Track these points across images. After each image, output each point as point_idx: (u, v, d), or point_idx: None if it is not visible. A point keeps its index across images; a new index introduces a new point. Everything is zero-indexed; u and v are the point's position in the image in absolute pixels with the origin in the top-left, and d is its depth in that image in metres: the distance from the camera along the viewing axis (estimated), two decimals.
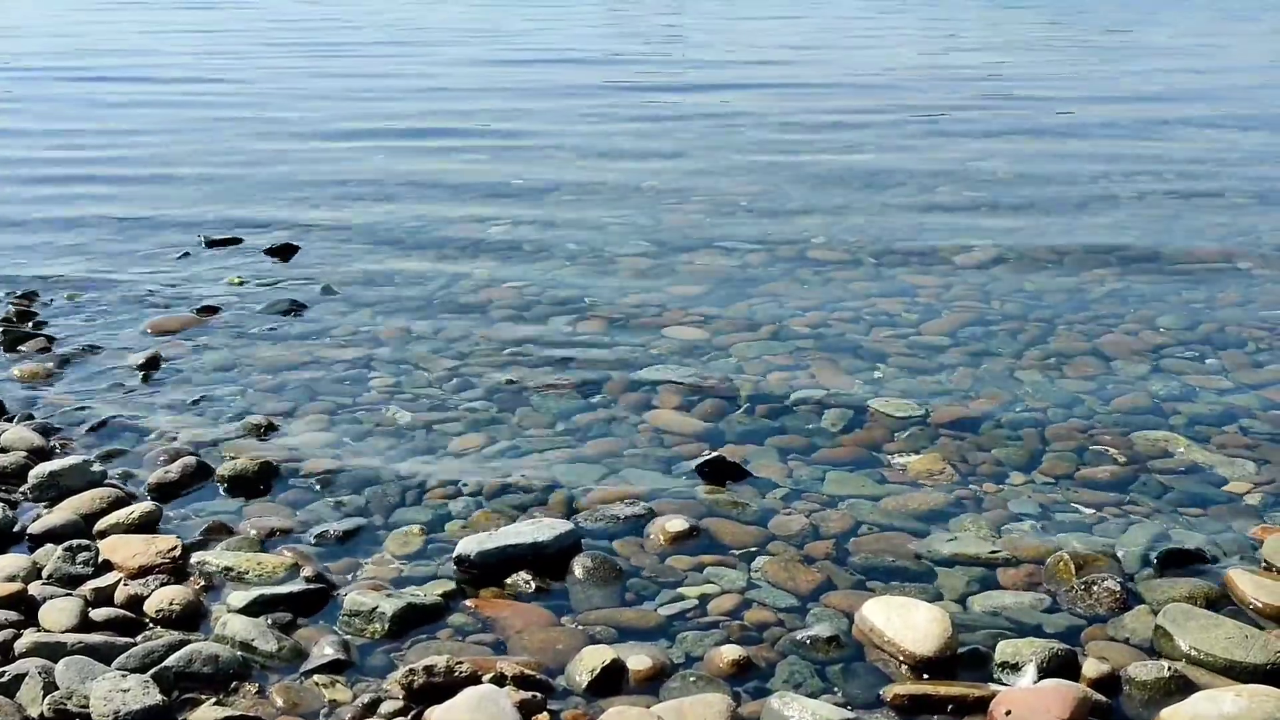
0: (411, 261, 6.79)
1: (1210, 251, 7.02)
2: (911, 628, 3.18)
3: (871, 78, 14.61)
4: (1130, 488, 4.11)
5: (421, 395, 4.88)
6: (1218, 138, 10.82)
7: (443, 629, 3.30)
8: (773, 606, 3.40)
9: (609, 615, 3.36)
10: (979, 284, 6.34)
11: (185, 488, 4.08)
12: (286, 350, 5.40)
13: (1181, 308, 5.96)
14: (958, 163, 9.47)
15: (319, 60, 16.47)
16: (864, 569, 3.60)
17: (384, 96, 13.11)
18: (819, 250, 6.99)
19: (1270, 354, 5.35)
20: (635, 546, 3.72)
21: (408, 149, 10.21)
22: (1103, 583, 3.44)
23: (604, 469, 4.26)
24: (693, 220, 7.71)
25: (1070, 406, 4.76)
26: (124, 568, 3.54)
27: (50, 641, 3.14)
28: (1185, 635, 3.17)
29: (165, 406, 4.77)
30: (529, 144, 10.40)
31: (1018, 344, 5.45)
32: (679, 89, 13.40)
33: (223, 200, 8.29)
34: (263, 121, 11.47)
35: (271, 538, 3.78)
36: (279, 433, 4.53)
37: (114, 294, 6.20)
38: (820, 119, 11.41)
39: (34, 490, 4.01)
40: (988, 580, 3.54)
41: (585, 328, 5.69)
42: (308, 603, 3.39)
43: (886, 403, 4.76)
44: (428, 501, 4.03)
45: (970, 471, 4.23)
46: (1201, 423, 4.60)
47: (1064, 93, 13.20)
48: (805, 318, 5.80)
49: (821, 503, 4.00)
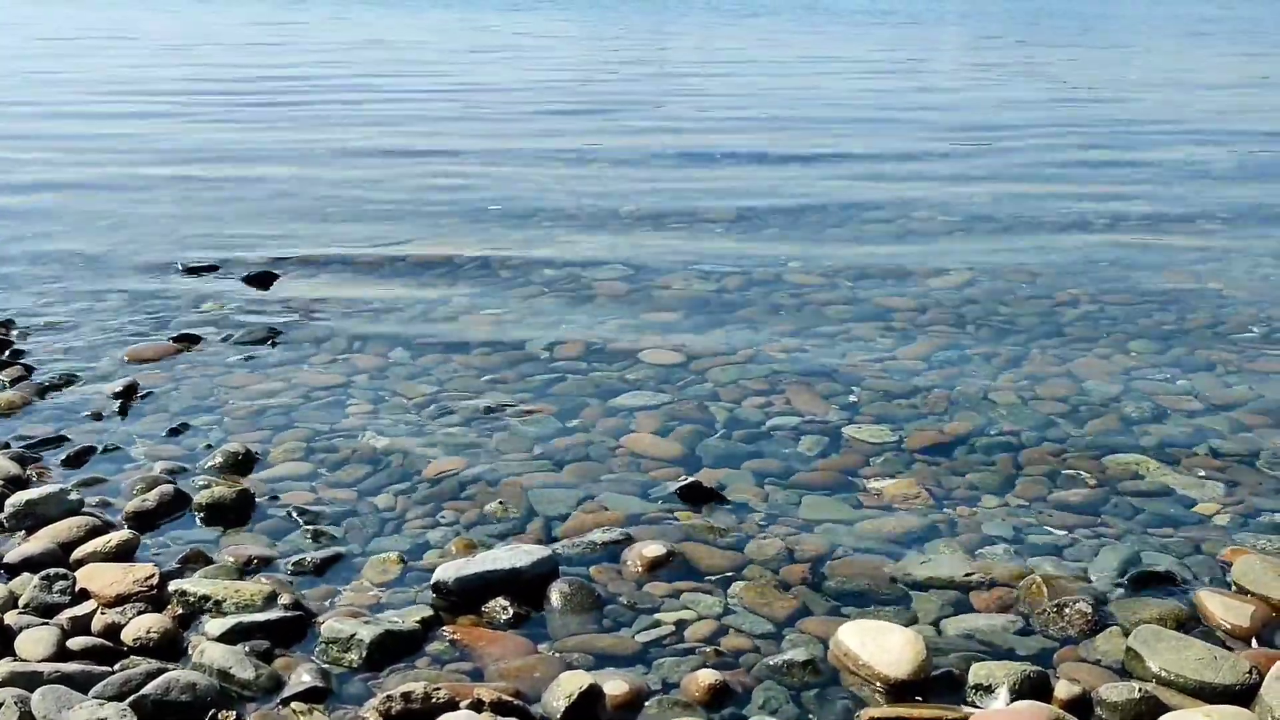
0: (389, 288, 6.81)
1: (1181, 274, 7.10)
2: (886, 651, 3.20)
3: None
4: (1102, 509, 4.15)
5: (399, 422, 4.89)
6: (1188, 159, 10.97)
7: (421, 656, 3.31)
8: (749, 632, 3.42)
9: (586, 641, 3.38)
10: (953, 307, 6.40)
11: (163, 516, 4.08)
12: (264, 378, 5.40)
13: (1152, 330, 6.03)
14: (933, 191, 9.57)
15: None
16: (839, 594, 3.63)
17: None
18: (796, 275, 7.05)
19: (1239, 376, 5.41)
20: (612, 572, 3.74)
21: (388, 173, 10.26)
22: (1074, 605, 3.48)
23: (581, 494, 4.27)
24: (670, 245, 7.75)
25: (1043, 429, 4.80)
26: (101, 596, 3.54)
27: (27, 671, 3.13)
28: (1156, 657, 3.20)
29: (143, 435, 4.76)
30: (506, 170, 10.47)
31: (992, 367, 5.50)
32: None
33: (201, 225, 8.31)
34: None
35: (249, 566, 3.78)
36: (257, 461, 4.53)
37: (91, 322, 6.20)
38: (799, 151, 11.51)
39: (11, 519, 4.00)
40: (961, 603, 3.57)
41: (562, 352, 5.71)
42: (285, 631, 3.39)
43: (861, 429, 4.79)
44: (405, 529, 4.04)
45: (945, 495, 4.27)
46: (1172, 444, 4.65)
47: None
48: (781, 343, 5.84)
49: (797, 527, 4.03)
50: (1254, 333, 6.01)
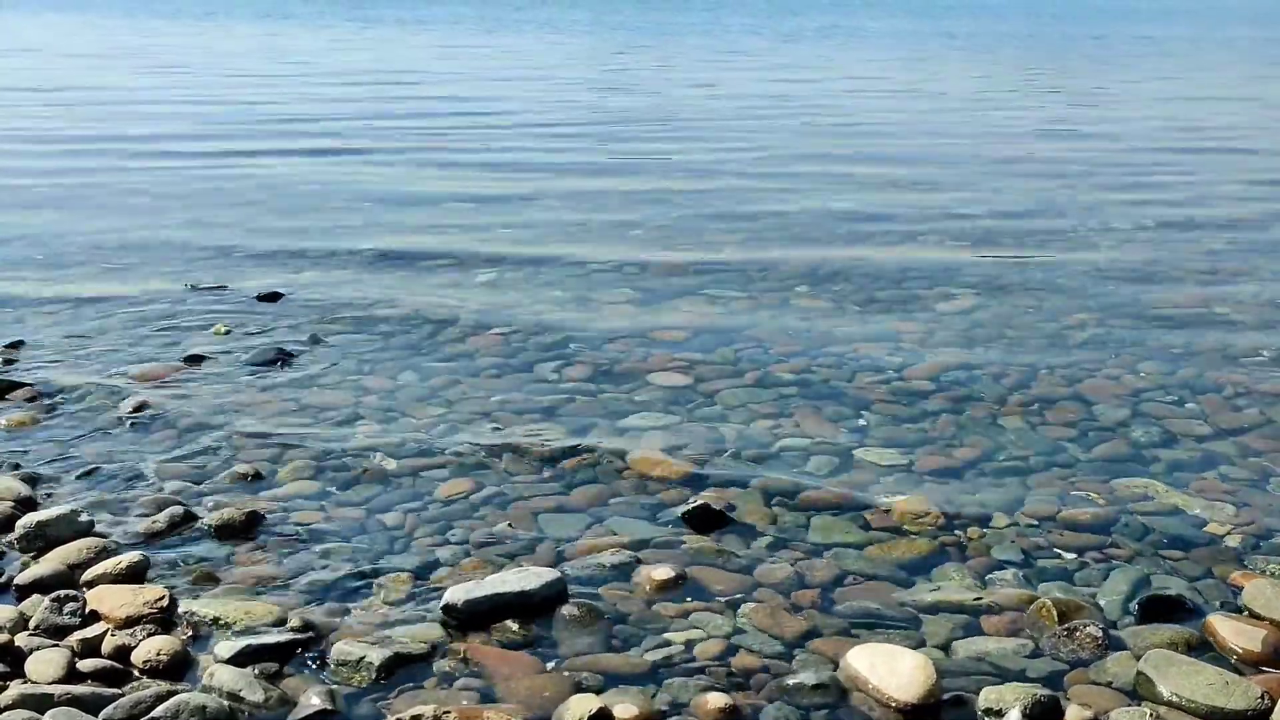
0: (398, 308, 6.82)
1: (1190, 297, 7.10)
2: (896, 674, 3.20)
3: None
4: (1112, 532, 4.14)
5: (408, 442, 4.90)
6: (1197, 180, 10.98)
7: (429, 677, 3.31)
8: (759, 653, 3.42)
9: (595, 662, 3.37)
10: (962, 329, 6.41)
11: (172, 537, 4.09)
12: (273, 398, 5.41)
13: (1161, 353, 6.02)
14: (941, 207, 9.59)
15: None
16: (849, 616, 3.62)
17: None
18: (803, 297, 7.06)
19: (1248, 398, 5.40)
20: (622, 593, 3.73)
21: (395, 193, 10.31)
22: (1085, 628, 3.47)
23: (590, 517, 4.27)
24: (678, 264, 7.77)
25: (1052, 453, 4.80)
26: (111, 618, 3.54)
27: (37, 693, 3.14)
28: (1167, 681, 3.19)
29: (152, 455, 4.77)
30: (515, 190, 10.51)
31: (1000, 389, 5.50)
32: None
33: (209, 241, 8.35)
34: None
35: (259, 586, 3.78)
36: (266, 481, 4.54)
37: (101, 343, 6.21)
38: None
39: (21, 540, 4.01)
40: (971, 626, 3.56)
41: (571, 373, 5.72)
42: (295, 652, 3.39)
43: (869, 451, 4.79)
44: (415, 549, 4.04)
45: (954, 517, 4.26)
46: (1181, 468, 4.65)
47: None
48: (789, 363, 5.84)
49: (806, 550, 4.02)
50: (1263, 356, 6.01)
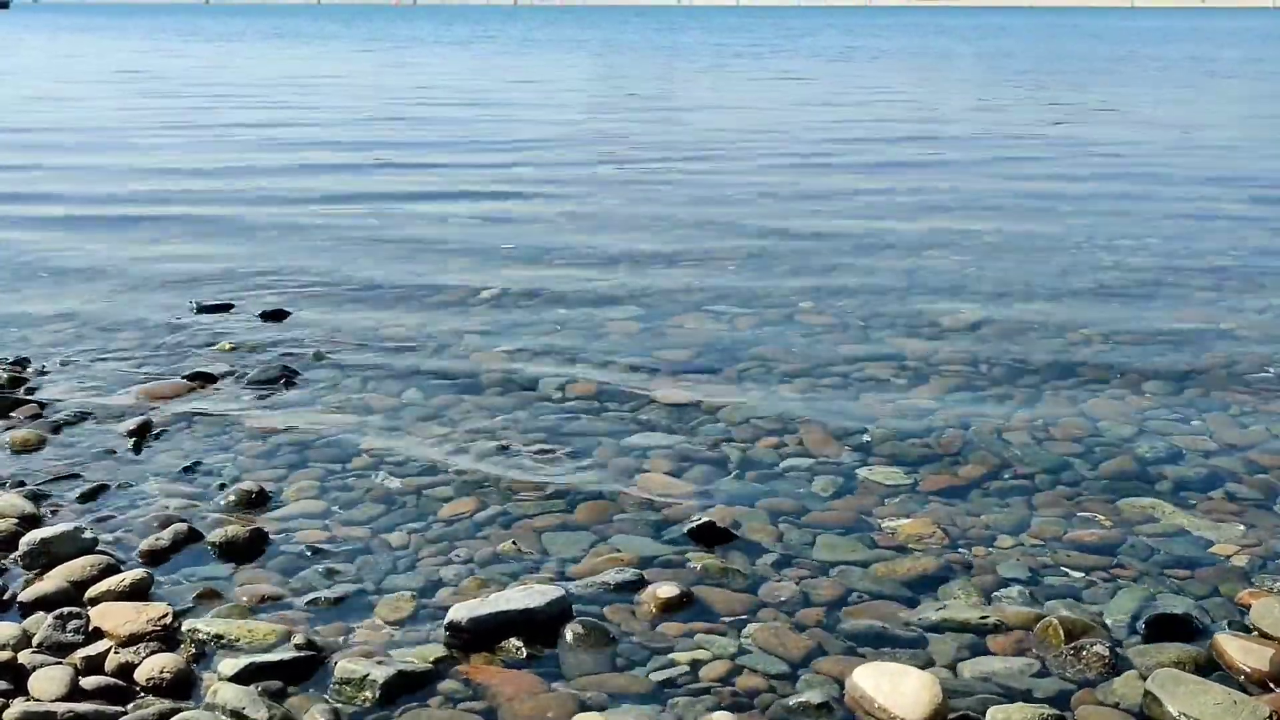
0: (402, 327, 6.82)
1: (1194, 314, 7.09)
2: (902, 694, 3.18)
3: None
4: (1118, 551, 4.13)
5: (412, 461, 4.89)
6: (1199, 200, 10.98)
7: (434, 696, 3.29)
8: (764, 672, 3.40)
9: (600, 681, 3.36)
10: (966, 347, 6.40)
11: (176, 554, 4.08)
12: (277, 417, 5.40)
13: (1167, 370, 6.01)
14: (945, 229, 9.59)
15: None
16: (854, 635, 3.61)
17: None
18: (807, 315, 7.06)
19: (1255, 416, 5.39)
20: (626, 613, 3.72)
21: (399, 212, 10.33)
22: (1092, 647, 3.45)
23: (594, 535, 4.26)
24: (681, 284, 7.78)
25: (1058, 471, 4.79)
26: (115, 635, 3.53)
27: (40, 711, 3.13)
28: (1174, 701, 3.18)
29: (156, 473, 4.77)
30: (518, 210, 10.54)
31: (1006, 407, 5.49)
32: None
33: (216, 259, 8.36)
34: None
35: (262, 605, 3.77)
36: (270, 499, 4.53)
37: (106, 361, 6.22)
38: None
39: (25, 557, 4.00)
40: (977, 646, 3.54)
41: (575, 391, 5.72)
42: (298, 670, 3.38)
43: (874, 470, 4.78)
44: (419, 568, 4.03)
45: (960, 536, 4.25)
46: (1187, 486, 4.63)
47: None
48: (794, 383, 5.84)
49: (812, 569, 4.01)
50: (1270, 373, 5.99)
